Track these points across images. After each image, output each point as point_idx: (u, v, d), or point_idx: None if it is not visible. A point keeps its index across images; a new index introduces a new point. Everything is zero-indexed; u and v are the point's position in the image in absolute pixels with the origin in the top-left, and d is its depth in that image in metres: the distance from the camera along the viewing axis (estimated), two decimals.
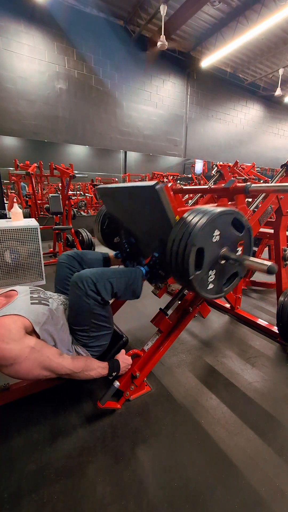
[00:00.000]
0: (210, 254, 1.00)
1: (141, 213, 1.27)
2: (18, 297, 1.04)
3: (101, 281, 1.09)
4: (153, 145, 7.04)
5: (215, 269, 1.05)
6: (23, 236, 2.46)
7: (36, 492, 0.89)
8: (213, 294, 1.09)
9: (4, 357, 0.84)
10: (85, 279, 1.06)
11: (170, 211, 1.05)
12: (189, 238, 0.94)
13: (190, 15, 5.18)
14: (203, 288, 1.04)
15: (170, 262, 1.03)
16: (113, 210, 1.57)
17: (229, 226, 1.03)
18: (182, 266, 0.97)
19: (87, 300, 1.07)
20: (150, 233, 1.32)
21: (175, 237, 1.00)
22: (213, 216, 0.95)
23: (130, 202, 1.30)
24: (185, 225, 0.98)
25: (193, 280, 0.98)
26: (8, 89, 4.89)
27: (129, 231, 1.51)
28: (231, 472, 0.96)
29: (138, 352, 1.32)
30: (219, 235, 1.00)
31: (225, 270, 1.09)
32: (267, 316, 2.18)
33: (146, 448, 1.04)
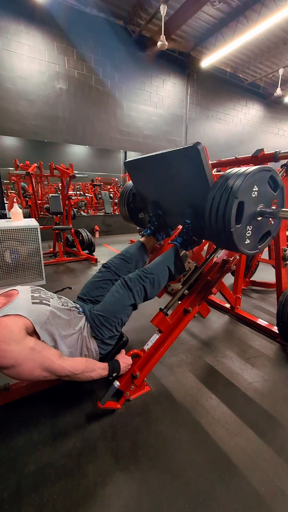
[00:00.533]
0: (249, 209, 1.04)
1: (175, 179, 1.31)
2: (19, 296, 1.04)
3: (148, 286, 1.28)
4: (153, 145, 7.04)
5: (252, 225, 1.10)
6: (23, 236, 2.46)
7: (36, 492, 0.89)
8: (249, 250, 1.14)
9: (5, 358, 0.84)
10: (138, 284, 1.26)
11: (208, 170, 1.10)
12: (230, 192, 0.98)
13: (190, 15, 5.18)
14: (241, 242, 1.08)
15: (209, 220, 1.07)
16: (141, 183, 1.62)
17: (266, 184, 1.08)
18: (223, 220, 1.01)
19: (130, 300, 1.24)
20: (182, 200, 1.37)
21: (215, 193, 1.04)
22: (253, 172, 1.00)
23: (163, 170, 1.34)
24: (226, 181, 1.02)
25: (234, 233, 1.02)
26: (8, 89, 4.89)
27: (157, 203, 1.57)
28: (231, 472, 0.96)
29: (138, 352, 1.31)
30: (257, 191, 1.04)
31: (261, 227, 1.14)
32: (267, 316, 2.18)
33: (146, 448, 1.04)
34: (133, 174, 1.61)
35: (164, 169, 1.33)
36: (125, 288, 1.26)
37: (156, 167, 1.38)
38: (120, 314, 1.23)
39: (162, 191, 1.48)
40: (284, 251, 1.78)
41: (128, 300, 1.25)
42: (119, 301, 1.24)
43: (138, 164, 1.48)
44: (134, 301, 1.26)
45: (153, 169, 1.42)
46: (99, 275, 1.47)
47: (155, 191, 1.54)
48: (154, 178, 1.47)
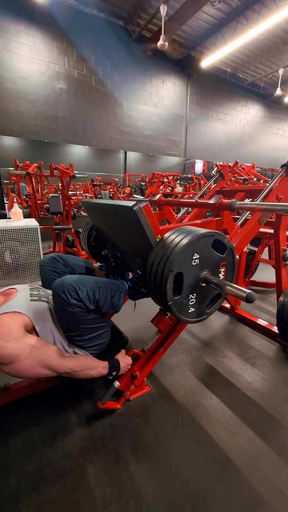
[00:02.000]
0: (189, 278, 0.97)
1: (124, 230, 1.23)
2: (18, 294, 1.04)
3: (83, 289, 1.01)
4: (153, 145, 7.04)
5: (196, 293, 1.01)
6: (23, 236, 2.46)
7: (36, 492, 0.89)
8: (195, 318, 1.06)
9: (5, 355, 0.84)
10: (67, 286, 0.99)
11: (150, 231, 1.00)
12: (166, 263, 0.91)
13: (190, 15, 5.18)
14: (183, 313, 1.01)
15: (149, 284, 1.00)
16: (99, 224, 1.52)
17: (210, 249, 1.00)
18: (160, 291, 0.94)
19: (71, 309, 1.00)
20: (134, 250, 1.27)
21: (153, 260, 0.97)
22: (192, 240, 0.92)
23: (112, 219, 1.26)
24: (163, 248, 0.95)
25: (172, 306, 0.95)
26: (8, 89, 4.89)
27: (115, 245, 1.46)
28: (231, 472, 0.96)
29: (138, 352, 1.31)
30: (198, 258, 0.96)
31: (208, 292, 1.05)
32: (267, 316, 2.18)
33: (146, 448, 1.04)
34: (90, 214, 1.51)
35: (115, 219, 1.25)
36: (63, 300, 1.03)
37: (109, 216, 1.28)
38: (78, 325, 1.09)
39: (117, 237, 1.39)
40: (284, 251, 1.78)
41: (70, 313, 1.04)
42: (66, 317, 1.06)
43: (94, 207, 1.39)
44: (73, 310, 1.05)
45: (107, 216, 1.32)
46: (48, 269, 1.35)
47: (111, 234, 1.45)
48: (108, 225, 1.38)
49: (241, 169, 4.79)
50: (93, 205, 1.34)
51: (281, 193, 1.61)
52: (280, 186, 1.61)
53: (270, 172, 10.06)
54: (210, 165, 8.40)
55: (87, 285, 1.03)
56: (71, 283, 1.00)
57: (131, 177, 7.73)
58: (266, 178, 4.94)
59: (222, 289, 0.93)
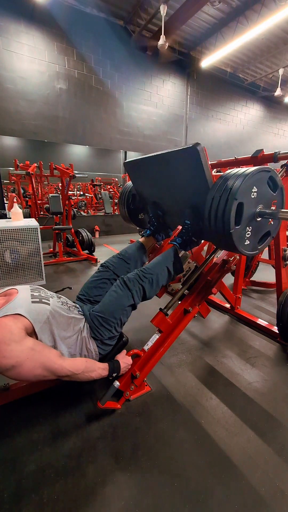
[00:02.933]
0: (248, 210, 1.04)
1: (175, 179, 1.31)
2: (18, 295, 1.03)
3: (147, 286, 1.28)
4: (153, 145, 7.03)
5: (252, 226, 1.09)
6: (23, 236, 2.46)
7: (36, 492, 0.89)
8: (249, 250, 1.13)
9: (5, 358, 0.84)
10: (137, 284, 1.26)
11: (208, 171, 1.10)
12: (229, 193, 0.98)
13: (190, 15, 5.18)
14: (241, 243, 1.08)
15: (208, 221, 1.07)
16: (140, 184, 1.61)
17: (265, 185, 1.08)
18: (222, 221, 1.01)
19: (129, 300, 1.23)
20: (182, 201, 1.37)
21: (215, 194, 1.04)
22: (252, 173, 0.99)
23: (163, 170, 1.33)
24: (225, 182, 1.02)
25: (233, 235, 1.02)
26: (8, 89, 4.89)
27: (157, 204, 1.57)
28: (231, 472, 0.96)
29: (138, 352, 1.31)
30: (256, 192, 1.04)
31: (260, 228, 1.14)
32: (267, 316, 2.18)
33: (146, 448, 1.04)
34: (133, 175, 1.60)
35: (163, 170, 1.33)
36: (124, 288, 1.25)
37: (156, 168, 1.38)
38: (119, 314, 1.23)
39: (162, 192, 1.48)
40: (284, 251, 1.78)
41: (127, 300, 1.24)
42: (118, 301, 1.24)
43: (138, 164, 1.48)
44: (133, 301, 1.25)
45: (152, 169, 1.41)
46: (97, 275, 1.47)
47: (154, 192, 1.54)
48: (153, 179, 1.46)
49: None
50: (142, 161, 1.43)
51: None
52: None
53: None
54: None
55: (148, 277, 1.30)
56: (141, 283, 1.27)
57: None
58: None
59: (276, 217, 1.06)
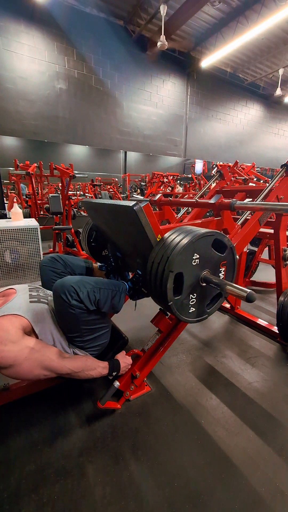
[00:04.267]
0: (190, 278, 0.97)
1: (124, 230, 1.23)
2: (17, 295, 1.03)
3: (84, 290, 1.01)
4: (153, 145, 7.04)
5: (197, 292, 1.01)
6: (23, 236, 2.46)
7: (36, 492, 0.89)
8: (195, 318, 1.06)
9: (3, 358, 0.84)
10: (67, 288, 0.99)
11: (150, 231, 1.00)
12: (166, 263, 0.91)
13: (190, 15, 5.18)
14: (184, 313, 1.01)
15: (149, 284, 1.00)
16: (99, 224, 1.52)
17: (210, 248, 1.00)
18: (160, 291, 0.94)
19: (72, 310, 1.00)
20: (134, 250, 1.27)
21: (154, 260, 0.97)
22: (192, 240, 0.92)
23: (113, 219, 1.26)
24: (163, 248, 0.95)
25: (172, 306, 0.95)
26: (8, 89, 4.89)
27: (115, 244, 1.46)
28: (231, 472, 0.96)
29: (138, 352, 1.31)
30: (198, 258, 0.96)
31: (208, 291, 1.05)
32: (267, 316, 2.18)
33: (146, 448, 1.04)
34: (91, 214, 1.50)
35: (115, 219, 1.24)
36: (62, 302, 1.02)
37: (109, 215, 1.28)
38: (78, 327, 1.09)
39: (117, 237, 1.39)
40: (284, 251, 1.78)
41: (71, 315, 1.04)
42: (66, 319, 1.07)
43: (94, 206, 1.38)
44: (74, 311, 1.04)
45: (107, 215, 1.31)
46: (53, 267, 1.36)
47: (112, 235, 1.44)
48: (109, 225, 1.38)
49: (241, 169, 4.79)
50: (93, 205, 1.34)
51: (281, 193, 1.61)
52: (280, 186, 1.61)
53: (270, 172, 10.06)
54: (210, 165, 8.39)
55: (87, 286, 1.03)
56: (72, 284, 1.00)
57: (131, 177, 7.72)
58: (266, 178, 4.94)
59: (223, 289, 0.93)
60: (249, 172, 4.84)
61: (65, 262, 1.39)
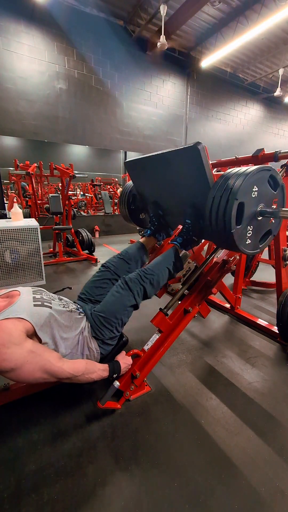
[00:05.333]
0: (249, 210, 1.04)
1: (176, 179, 1.31)
2: (21, 298, 1.03)
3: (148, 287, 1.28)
4: (153, 145, 7.03)
5: (253, 225, 1.09)
6: (23, 236, 2.46)
7: (36, 492, 0.89)
8: (251, 249, 1.13)
9: (5, 361, 0.84)
10: (138, 285, 1.26)
11: (209, 170, 1.10)
12: (230, 192, 0.98)
13: (190, 15, 5.18)
14: (242, 243, 1.08)
15: (209, 220, 1.07)
16: (141, 183, 1.62)
17: (266, 183, 1.08)
18: (223, 221, 1.01)
19: (131, 300, 1.24)
20: (182, 200, 1.37)
21: (215, 193, 1.04)
22: (253, 172, 0.99)
23: (164, 169, 1.33)
24: (226, 181, 1.02)
25: (234, 234, 1.01)
26: (8, 89, 4.89)
27: (157, 203, 1.57)
28: (231, 472, 0.96)
29: (138, 352, 1.31)
30: (257, 191, 1.04)
31: (261, 226, 1.14)
32: (267, 316, 2.18)
33: (146, 448, 1.04)
34: (133, 174, 1.60)
35: (164, 169, 1.33)
36: (126, 288, 1.26)
37: (157, 167, 1.38)
38: (120, 314, 1.23)
39: (162, 191, 1.48)
40: (284, 251, 1.78)
41: (128, 300, 1.24)
42: (120, 301, 1.24)
43: (139, 164, 1.48)
44: (135, 301, 1.26)
45: (153, 169, 1.41)
46: (98, 275, 1.47)
47: (155, 191, 1.54)
48: (154, 178, 1.46)
49: None
50: (143, 160, 1.43)
51: None
52: None
53: None
54: None
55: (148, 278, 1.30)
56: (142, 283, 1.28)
57: None
58: None
59: (277, 216, 1.05)
60: None
61: (124, 258, 1.52)
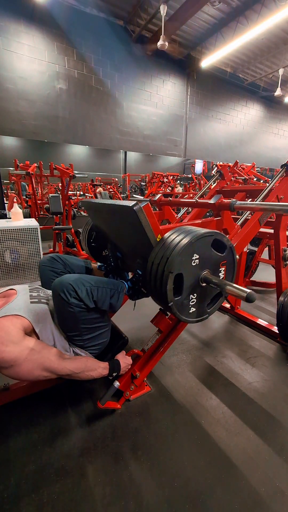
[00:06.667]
0: (190, 279, 0.97)
1: (124, 230, 1.22)
2: (17, 296, 1.03)
3: (82, 288, 1.01)
4: (153, 145, 7.04)
5: (197, 293, 1.01)
6: (23, 236, 2.46)
7: (36, 492, 0.89)
8: (195, 318, 1.06)
9: (4, 359, 0.84)
10: (66, 286, 0.99)
11: (150, 231, 1.00)
12: (166, 264, 0.91)
13: (190, 15, 5.17)
14: (184, 313, 1.01)
15: (149, 285, 1.00)
16: (99, 225, 1.52)
17: (209, 248, 1.00)
18: (160, 292, 0.94)
19: (71, 308, 1.00)
20: (134, 250, 1.27)
21: (153, 260, 0.97)
22: (191, 240, 0.92)
23: (113, 219, 1.26)
24: (163, 249, 0.95)
25: (173, 307, 0.95)
26: (8, 89, 4.89)
27: (115, 245, 1.46)
28: (231, 472, 0.96)
29: (138, 352, 1.31)
30: (198, 258, 0.96)
31: (208, 291, 1.05)
32: (267, 316, 2.18)
33: (146, 448, 1.04)
34: (91, 215, 1.51)
35: (114, 220, 1.25)
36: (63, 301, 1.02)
37: (108, 216, 1.28)
38: (78, 325, 1.08)
39: (117, 238, 1.39)
40: (284, 251, 1.78)
41: (70, 313, 1.04)
42: (66, 316, 1.06)
43: (94, 207, 1.38)
44: (75, 309, 1.04)
45: (107, 216, 1.31)
46: (52, 266, 1.36)
47: (112, 235, 1.44)
48: (108, 225, 1.38)
49: (241, 169, 4.79)
50: (93, 205, 1.33)
51: (281, 193, 1.61)
52: (280, 186, 1.61)
53: (270, 172, 10.05)
54: (210, 165, 8.39)
55: (86, 284, 1.03)
56: (71, 282, 1.00)
57: (131, 177, 7.72)
58: (266, 178, 4.94)
59: (223, 289, 0.93)
60: (249, 172, 4.85)
61: (64, 262, 1.39)
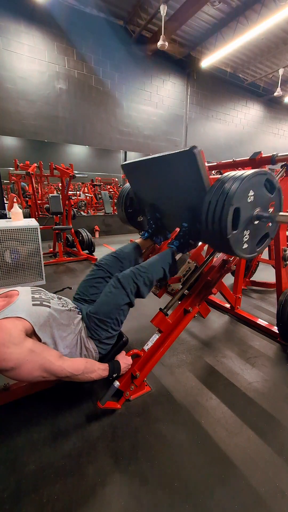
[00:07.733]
0: (245, 214, 1.04)
1: (173, 182, 1.31)
2: (19, 297, 1.03)
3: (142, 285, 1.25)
4: (153, 145, 7.04)
5: (249, 229, 1.09)
6: (23, 236, 2.46)
7: (36, 492, 0.89)
8: (248, 254, 1.13)
9: (5, 360, 0.84)
10: (132, 283, 1.23)
11: (205, 174, 1.10)
12: (226, 198, 0.98)
13: (190, 15, 5.18)
14: (239, 247, 1.08)
15: (205, 224, 1.06)
16: (138, 186, 1.61)
17: (262, 187, 1.08)
18: (219, 226, 1.00)
19: (124, 299, 1.20)
20: (179, 203, 1.37)
21: (211, 198, 1.03)
22: (248, 177, 0.99)
23: (160, 172, 1.33)
24: (221, 186, 1.02)
25: (230, 239, 1.01)
26: (8, 89, 4.89)
27: (155, 206, 1.56)
28: (231, 472, 0.96)
29: (138, 352, 1.31)
30: (253, 195, 1.04)
31: (258, 230, 1.13)
32: (267, 316, 2.18)
33: (146, 448, 1.04)
34: (130, 177, 1.60)
35: (161, 172, 1.32)
36: (118, 287, 1.23)
37: (153, 170, 1.37)
38: (114, 314, 1.21)
39: (160, 194, 1.47)
40: (284, 251, 1.78)
41: (122, 299, 1.22)
42: (113, 301, 1.21)
43: (135, 166, 1.47)
44: (128, 299, 1.23)
45: (150, 171, 1.40)
46: (91, 274, 1.45)
47: (152, 194, 1.53)
48: (151, 181, 1.45)
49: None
50: (139, 163, 1.42)
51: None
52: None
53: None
54: None
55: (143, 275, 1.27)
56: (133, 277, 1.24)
57: None
58: None
59: (274, 220, 1.08)
60: None
61: (118, 256, 1.51)
